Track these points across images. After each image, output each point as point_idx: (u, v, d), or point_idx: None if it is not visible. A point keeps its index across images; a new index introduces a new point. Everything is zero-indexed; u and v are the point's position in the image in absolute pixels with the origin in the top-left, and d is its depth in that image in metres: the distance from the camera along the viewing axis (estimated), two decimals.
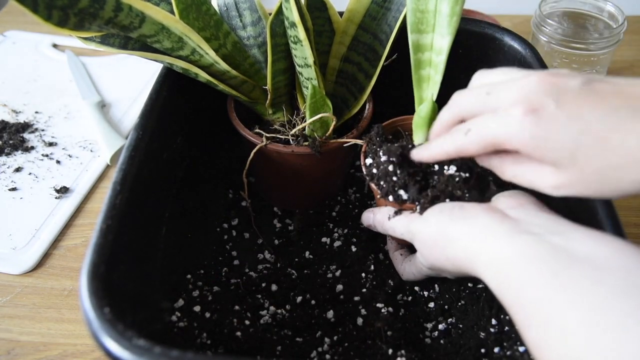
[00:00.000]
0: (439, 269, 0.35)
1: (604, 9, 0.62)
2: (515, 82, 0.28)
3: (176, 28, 0.38)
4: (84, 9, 0.33)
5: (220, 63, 0.41)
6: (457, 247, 0.31)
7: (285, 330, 0.42)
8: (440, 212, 0.33)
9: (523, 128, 0.26)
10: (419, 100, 0.37)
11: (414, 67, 0.37)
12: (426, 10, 0.35)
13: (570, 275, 0.25)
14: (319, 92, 0.41)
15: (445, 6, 0.34)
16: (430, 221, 0.33)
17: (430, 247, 0.34)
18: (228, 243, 0.49)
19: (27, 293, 0.47)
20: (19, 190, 0.55)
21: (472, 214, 0.31)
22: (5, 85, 0.69)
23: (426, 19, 0.35)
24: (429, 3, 0.35)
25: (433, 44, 0.36)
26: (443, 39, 0.35)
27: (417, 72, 0.37)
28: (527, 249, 0.27)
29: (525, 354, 0.38)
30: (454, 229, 0.31)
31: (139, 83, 0.70)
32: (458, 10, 0.34)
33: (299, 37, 0.38)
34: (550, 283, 0.25)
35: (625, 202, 0.55)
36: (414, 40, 0.36)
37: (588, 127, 0.25)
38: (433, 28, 0.36)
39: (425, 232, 0.34)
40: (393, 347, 0.39)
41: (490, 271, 0.28)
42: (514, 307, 0.27)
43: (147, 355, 0.26)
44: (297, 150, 0.43)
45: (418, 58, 0.37)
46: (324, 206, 0.52)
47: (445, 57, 0.35)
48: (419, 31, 0.36)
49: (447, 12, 0.34)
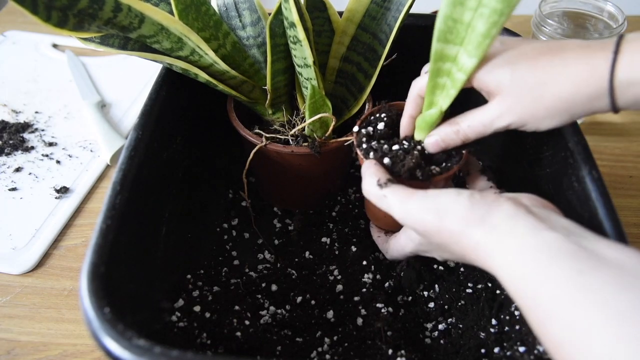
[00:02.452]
0: (433, 248, 0.35)
1: (604, 9, 0.62)
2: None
3: (175, 28, 0.38)
4: (83, 9, 0.33)
5: (219, 63, 0.41)
6: (473, 233, 0.29)
7: (285, 330, 0.42)
8: (459, 195, 0.31)
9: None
10: (429, 104, 0.35)
11: (431, 75, 0.34)
12: (460, 21, 0.31)
13: (597, 276, 0.24)
14: (318, 92, 0.41)
15: (481, 24, 0.30)
16: (441, 202, 0.31)
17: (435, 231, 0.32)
18: (228, 243, 0.49)
19: (27, 293, 0.47)
20: (19, 190, 0.55)
21: (496, 201, 0.30)
22: (5, 85, 0.69)
23: (457, 30, 0.32)
24: (465, 14, 0.31)
25: (458, 58, 0.33)
26: (470, 59, 0.32)
27: (433, 80, 0.34)
28: (552, 243, 0.26)
29: (525, 354, 0.38)
30: (473, 214, 0.30)
31: (139, 83, 0.70)
32: (494, 33, 0.30)
33: (298, 37, 0.38)
34: (575, 281, 0.24)
35: (625, 202, 0.55)
36: (438, 50, 0.32)
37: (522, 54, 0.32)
38: (462, 42, 0.32)
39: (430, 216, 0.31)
40: (393, 347, 0.39)
41: (506, 261, 0.27)
42: (530, 302, 0.26)
43: (147, 355, 0.26)
44: (296, 151, 0.43)
45: (438, 67, 0.33)
46: (324, 206, 0.52)
47: (466, 77, 0.32)
48: (446, 41, 0.32)
49: (482, 31, 0.30)
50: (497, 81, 0.33)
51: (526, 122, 0.33)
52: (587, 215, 0.34)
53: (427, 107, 0.36)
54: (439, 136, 0.36)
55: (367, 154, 0.37)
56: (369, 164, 0.35)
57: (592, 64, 0.30)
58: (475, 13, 0.30)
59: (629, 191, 0.56)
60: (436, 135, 0.36)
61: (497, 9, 0.29)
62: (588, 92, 0.30)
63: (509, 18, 0.29)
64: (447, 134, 0.35)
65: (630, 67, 0.29)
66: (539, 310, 0.25)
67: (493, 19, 0.29)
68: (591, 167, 0.35)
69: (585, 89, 0.30)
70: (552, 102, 0.31)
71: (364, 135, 0.39)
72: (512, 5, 0.28)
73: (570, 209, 0.36)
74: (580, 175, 0.35)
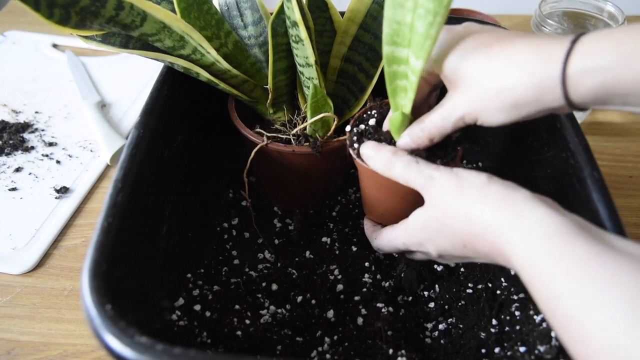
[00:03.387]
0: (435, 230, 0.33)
1: (604, 9, 0.62)
2: None
3: (177, 27, 0.38)
4: (86, 7, 0.33)
5: (221, 62, 0.41)
6: (484, 208, 0.29)
7: (286, 329, 0.41)
8: (479, 174, 0.31)
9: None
10: (394, 107, 0.35)
11: (388, 79, 0.34)
12: (403, 23, 0.31)
13: (615, 257, 0.24)
14: (320, 92, 0.41)
15: (420, 25, 0.30)
16: (462, 176, 0.31)
17: (448, 200, 0.31)
18: (228, 242, 0.49)
19: (27, 293, 0.46)
20: (19, 190, 0.55)
21: (513, 185, 0.30)
22: (5, 85, 0.69)
23: (402, 32, 0.32)
24: (406, 16, 0.31)
25: (409, 59, 0.32)
26: (417, 60, 0.31)
27: (392, 83, 0.34)
28: (570, 226, 0.26)
29: (526, 354, 0.38)
30: (489, 191, 0.29)
31: (139, 83, 0.70)
32: (433, 34, 0.29)
33: (300, 37, 0.38)
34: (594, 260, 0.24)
35: (625, 202, 0.55)
36: (388, 53, 0.33)
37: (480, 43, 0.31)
38: (409, 44, 0.32)
39: (450, 182, 0.31)
40: (393, 347, 0.39)
41: (521, 237, 0.27)
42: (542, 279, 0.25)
43: (149, 353, 0.25)
44: (297, 150, 0.43)
45: (393, 70, 0.33)
46: (325, 206, 0.52)
47: (418, 79, 0.32)
48: (394, 43, 0.32)
49: (422, 32, 0.30)
50: (453, 70, 0.32)
51: (477, 114, 0.31)
52: (588, 217, 0.34)
53: (393, 109, 0.36)
54: (408, 137, 0.35)
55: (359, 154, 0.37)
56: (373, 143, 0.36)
57: (546, 51, 0.28)
58: (414, 14, 0.30)
59: (629, 191, 0.56)
60: (406, 136, 0.35)
61: (430, 9, 0.29)
62: (535, 81, 0.28)
63: (445, 18, 0.29)
64: (414, 132, 0.35)
65: (587, 55, 0.27)
66: (552, 285, 0.25)
67: (429, 20, 0.29)
68: (592, 167, 0.35)
69: (532, 77, 0.28)
70: (498, 92, 0.30)
71: (355, 134, 0.38)
72: (443, 4, 0.28)
73: (571, 210, 0.36)
74: (582, 175, 0.35)
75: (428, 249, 0.34)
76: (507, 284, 0.44)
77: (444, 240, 0.33)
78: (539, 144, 0.43)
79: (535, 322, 0.39)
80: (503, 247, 0.28)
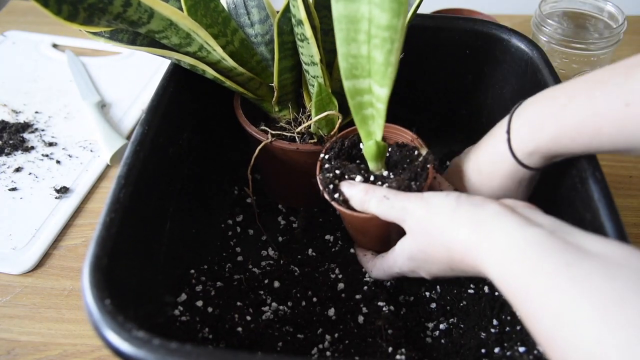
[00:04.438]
0: (422, 260, 0.34)
1: (604, 9, 0.63)
2: None
3: (184, 24, 0.38)
4: (94, 3, 0.33)
5: (227, 60, 0.41)
6: (458, 232, 0.30)
7: (287, 326, 0.42)
8: (447, 196, 0.32)
9: None
10: (367, 135, 0.35)
11: (354, 110, 0.34)
12: (359, 56, 0.31)
13: (583, 267, 0.24)
14: (324, 90, 0.41)
15: (379, 54, 0.30)
16: (432, 202, 0.32)
17: (424, 228, 0.32)
18: (232, 239, 0.49)
19: (27, 293, 0.46)
20: (19, 190, 0.55)
21: (481, 202, 0.31)
22: (5, 85, 0.69)
23: (360, 64, 0.31)
24: (361, 48, 0.31)
25: (372, 88, 0.32)
26: (382, 88, 0.32)
27: (359, 114, 0.34)
28: (539, 239, 0.26)
29: (525, 354, 0.38)
30: (459, 214, 0.30)
31: (139, 83, 0.70)
32: (393, 61, 0.30)
33: (305, 35, 0.38)
34: (563, 273, 0.24)
35: (625, 202, 0.55)
36: (350, 87, 0.32)
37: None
38: (369, 73, 0.32)
39: (422, 212, 0.32)
40: (393, 346, 0.39)
41: (495, 258, 0.28)
42: (520, 297, 0.26)
43: (146, 347, 0.26)
44: (302, 148, 0.43)
45: (357, 102, 0.33)
46: (328, 204, 0.52)
47: (385, 106, 0.32)
48: (354, 77, 0.32)
49: (381, 61, 0.30)
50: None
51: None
52: (589, 217, 0.34)
53: (365, 138, 0.36)
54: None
55: (332, 197, 0.37)
56: (346, 183, 0.37)
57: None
58: (369, 45, 0.30)
59: (629, 191, 0.56)
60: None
61: (386, 38, 0.29)
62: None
63: (402, 42, 0.29)
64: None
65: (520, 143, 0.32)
66: (530, 305, 0.25)
67: (387, 48, 0.29)
68: (594, 167, 0.35)
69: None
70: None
71: (326, 177, 0.38)
72: (398, 30, 0.28)
73: (572, 210, 0.36)
74: (584, 176, 0.35)
75: (421, 275, 0.36)
76: None
77: (432, 267, 0.34)
78: None
79: None
80: (480, 268, 0.29)
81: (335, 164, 0.39)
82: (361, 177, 0.37)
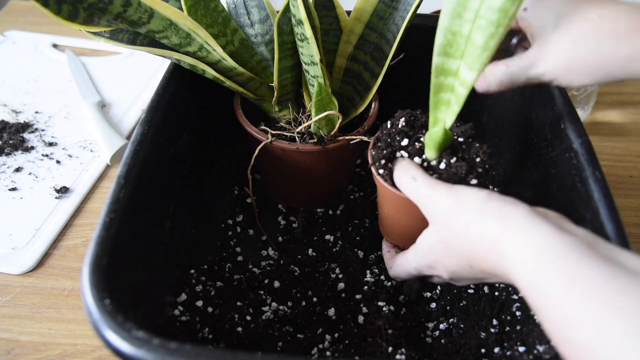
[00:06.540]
0: (441, 252, 0.32)
1: None
2: None
3: (184, 24, 0.38)
4: (94, 3, 0.33)
5: (227, 60, 0.41)
6: (487, 225, 0.28)
7: (287, 326, 0.42)
8: (478, 191, 0.30)
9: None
10: (434, 121, 0.34)
11: (433, 91, 0.33)
12: (459, 34, 0.30)
13: (631, 282, 0.22)
14: (325, 90, 0.41)
15: (479, 36, 0.29)
16: (461, 193, 0.31)
17: (449, 219, 0.31)
18: (232, 239, 0.49)
19: (27, 293, 0.46)
20: (19, 190, 0.55)
21: (513, 200, 0.29)
22: (5, 85, 0.69)
23: (457, 43, 0.30)
24: (464, 26, 0.29)
25: (459, 71, 0.31)
26: (470, 72, 0.30)
27: (436, 95, 0.33)
28: (578, 247, 0.25)
29: (525, 354, 0.38)
30: (489, 206, 0.28)
31: (139, 83, 0.70)
32: (492, 46, 0.29)
33: (305, 35, 0.38)
34: (608, 284, 0.23)
35: (625, 202, 0.55)
36: (438, 64, 0.31)
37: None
38: (462, 55, 0.30)
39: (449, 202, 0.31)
40: (393, 345, 0.39)
41: (526, 257, 0.26)
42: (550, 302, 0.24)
43: (145, 347, 0.26)
44: (301, 148, 0.43)
45: (440, 82, 0.32)
46: (329, 205, 0.52)
47: (467, 91, 0.31)
48: (447, 54, 0.31)
49: (480, 43, 0.29)
50: (540, 25, 0.31)
51: (558, 75, 0.31)
52: (589, 216, 0.34)
53: (432, 124, 0.34)
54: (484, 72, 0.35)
55: (379, 172, 0.36)
56: (404, 161, 0.35)
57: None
58: (473, 25, 0.29)
59: (629, 191, 0.56)
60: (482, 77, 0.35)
61: (493, 20, 0.28)
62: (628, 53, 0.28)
63: (507, 29, 0.28)
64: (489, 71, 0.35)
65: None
66: (564, 310, 0.23)
67: (490, 31, 0.28)
68: (595, 167, 0.35)
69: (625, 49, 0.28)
70: (587, 56, 0.29)
71: (381, 152, 0.36)
72: (508, 15, 0.27)
73: (572, 210, 0.36)
74: (584, 176, 0.35)
75: (439, 271, 0.34)
76: (508, 285, 0.44)
77: (451, 261, 0.32)
78: (543, 144, 0.43)
79: (535, 322, 0.39)
80: (504, 266, 0.27)
81: (391, 142, 0.37)
82: (420, 159, 0.35)
